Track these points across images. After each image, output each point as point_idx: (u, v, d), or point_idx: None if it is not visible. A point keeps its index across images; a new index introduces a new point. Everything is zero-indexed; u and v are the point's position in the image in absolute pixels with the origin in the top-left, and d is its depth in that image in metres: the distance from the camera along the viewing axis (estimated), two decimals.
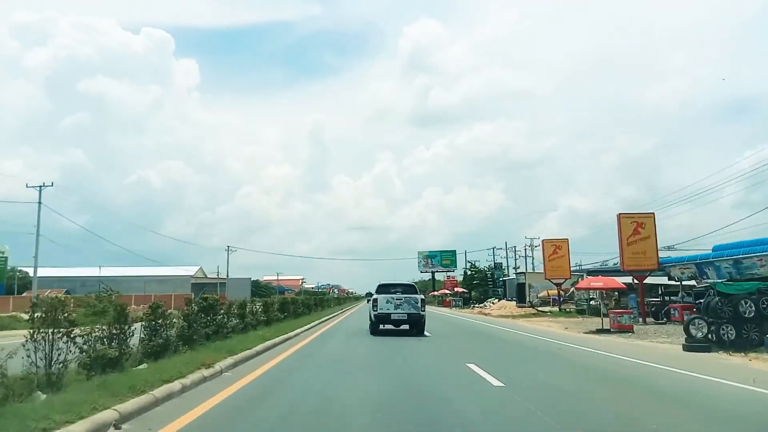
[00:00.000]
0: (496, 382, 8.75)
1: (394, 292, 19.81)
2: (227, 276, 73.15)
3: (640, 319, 25.84)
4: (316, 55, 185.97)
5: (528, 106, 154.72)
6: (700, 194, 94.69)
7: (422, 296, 20.55)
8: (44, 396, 5.98)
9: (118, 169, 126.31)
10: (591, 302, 35.89)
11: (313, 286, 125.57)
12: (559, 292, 43.05)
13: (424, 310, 19.77)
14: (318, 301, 43.68)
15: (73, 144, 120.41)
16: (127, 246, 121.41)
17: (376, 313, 19.51)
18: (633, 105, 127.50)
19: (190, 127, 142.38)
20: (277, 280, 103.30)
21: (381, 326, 19.70)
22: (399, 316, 19.41)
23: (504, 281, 66.92)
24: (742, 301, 14.82)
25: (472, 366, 10.66)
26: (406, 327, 19.75)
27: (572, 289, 42.72)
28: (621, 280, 27.20)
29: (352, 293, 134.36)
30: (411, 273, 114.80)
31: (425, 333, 19.49)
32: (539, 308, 44.90)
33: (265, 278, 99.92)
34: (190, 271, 78.97)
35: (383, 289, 20.14)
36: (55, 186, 51.14)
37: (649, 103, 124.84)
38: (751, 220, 71.70)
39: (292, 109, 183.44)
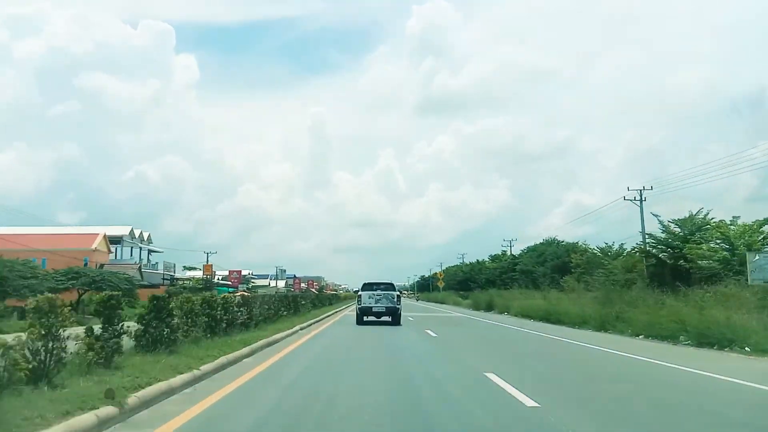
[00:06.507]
0: None
1: (376, 289, 23.13)
2: None
3: None
4: (320, 49, 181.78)
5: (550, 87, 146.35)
6: None
7: (398, 293, 24.15)
8: None
9: (115, 165, 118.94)
10: None
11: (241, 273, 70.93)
12: None
13: (399, 304, 23.08)
14: None
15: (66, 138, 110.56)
16: None
17: (360, 306, 22.84)
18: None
19: (189, 123, 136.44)
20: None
21: (365, 317, 22.67)
22: (379, 309, 22.60)
23: None
24: None
25: None
26: (387, 318, 22.62)
27: None
28: None
29: (342, 288, 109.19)
30: None
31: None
32: None
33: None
34: None
35: (367, 287, 23.47)
36: None
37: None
38: None
39: (296, 104, 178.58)
